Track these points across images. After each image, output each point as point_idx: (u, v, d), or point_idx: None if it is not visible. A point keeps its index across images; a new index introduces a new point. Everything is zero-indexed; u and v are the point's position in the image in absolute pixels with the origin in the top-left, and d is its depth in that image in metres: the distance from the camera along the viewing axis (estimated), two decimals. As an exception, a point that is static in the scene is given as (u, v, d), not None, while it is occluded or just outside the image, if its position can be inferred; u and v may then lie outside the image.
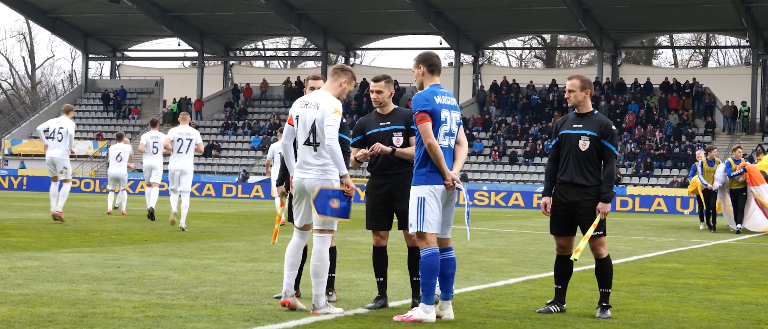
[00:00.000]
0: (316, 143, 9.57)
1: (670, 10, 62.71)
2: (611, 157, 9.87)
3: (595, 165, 9.89)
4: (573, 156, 9.91)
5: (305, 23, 68.71)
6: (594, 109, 10.09)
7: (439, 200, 9.27)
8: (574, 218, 9.93)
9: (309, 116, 9.60)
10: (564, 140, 10.01)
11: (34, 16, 72.93)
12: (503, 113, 66.64)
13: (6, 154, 69.90)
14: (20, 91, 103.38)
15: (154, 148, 24.97)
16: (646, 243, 21.54)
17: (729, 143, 59.65)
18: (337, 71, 9.91)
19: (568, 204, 9.92)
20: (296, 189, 9.72)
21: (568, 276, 10.13)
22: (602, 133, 9.87)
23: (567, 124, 10.07)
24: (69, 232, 19.75)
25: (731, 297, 11.81)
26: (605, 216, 9.79)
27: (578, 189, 9.86)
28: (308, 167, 9.61)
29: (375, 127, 10.22)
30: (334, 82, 9.85)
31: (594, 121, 9.95)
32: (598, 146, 9.87)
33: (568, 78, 10.09)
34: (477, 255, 16.87)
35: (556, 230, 10.08)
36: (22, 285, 10.91)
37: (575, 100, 10.01)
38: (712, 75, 73.07)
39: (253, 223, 25.38)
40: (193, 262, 14.18)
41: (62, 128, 22.81)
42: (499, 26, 69.91)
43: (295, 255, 9.82)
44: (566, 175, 9.94)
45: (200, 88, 73.94)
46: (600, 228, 9.82)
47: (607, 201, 9.77)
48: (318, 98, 9.68)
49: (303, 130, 9.63)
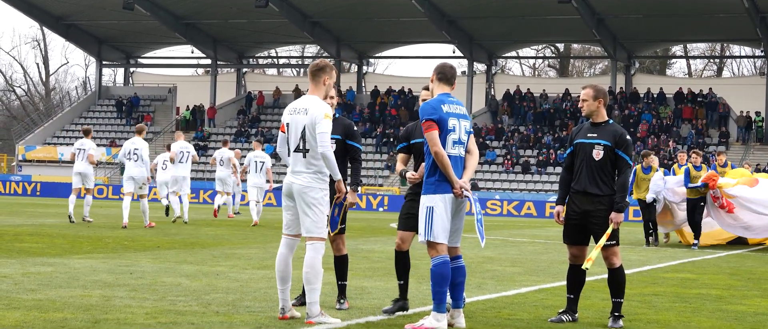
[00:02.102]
0: (306, 149, 9.48)
1: (684, 19, 62.66)
2: (625, 167, 9.86)
3: (609, 175, 9.88)
4: (587, 165, 9.91)
5: (318, 31, 68.80)
6: (609, 119, 10.08)
7: (448, 209, 9.26)
8: (587, 227, 9.92)
9: (299, 122, 9.51)
10: (578, 149, 10.01)
11: (49, 22, 73.17)
12: (516, 122, 66.60)
13: (20, 159, 70.08)
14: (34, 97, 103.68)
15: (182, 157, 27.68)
16: (659, 253, 21.50)
17: (743, 153, 59.55)
18: (316, 72, 9.68)
19: (582, 214, 9.91)
20: (285, 193, 9.62)
21: (580, 285, 10.11)
22: (616, 142, 9.87)
23: (582, 133, 10.08)
24: (82, 238, 19.80)
25: (744, 307, 11.77)
26: (618, 225, 9.78)
27: (591, 198, 9.86)
28: (298, 173, 9.51)
29: (421, 137, 10.12)
30: (317, 85, 9.67)
31: (608, 131, 9.95)
32: (612, 156, 9.87)
33: (582, 87, 10.11)
34: (489, 265, 16.86)
35: (569, 239, 10.08)
36: (36, 291, 10.94)
37: (588, 109, 10.02)
38: (727, 85, 72.96)
39: (266, 231, 25.40)
40: (205, 269, 14.20)
41: (138, 149, 24.96)
42: (512, 35, 69.91)
43: (284, 268, 9.64)
44: (580, 184, 9.94)
45: (213, 95, 74.06)
46: (613, 237, 9.81)
47: (620, 210, 9.76)
48: (306, 103, 9.57)
49: (294, 136, 9.54)
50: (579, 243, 10.04)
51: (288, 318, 9.56)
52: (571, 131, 10.34)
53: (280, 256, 9.69)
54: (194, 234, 22.82)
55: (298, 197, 9.48)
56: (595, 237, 9.87)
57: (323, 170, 9.47)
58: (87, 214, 26.39)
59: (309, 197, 9.43)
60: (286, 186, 9.60)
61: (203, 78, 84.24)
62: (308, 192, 9.44)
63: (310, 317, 9.40)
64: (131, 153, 24.98)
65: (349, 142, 10.64)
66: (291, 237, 9.72)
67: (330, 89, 9.79)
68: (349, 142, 10.63)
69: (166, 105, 76.40)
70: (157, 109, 76.01)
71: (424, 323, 9.19)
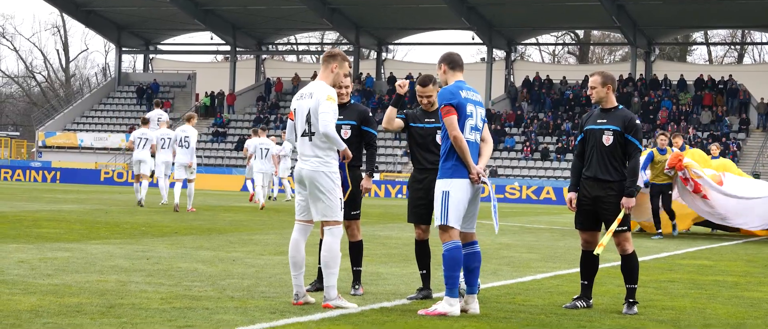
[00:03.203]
0: (312, 133, 9.51)
1: (705, 5, 62.42)
2: (635, 152, 9.85)
3: (619, 161, 9.87)
4: (597, 151, 9.91)
5: (337, 18, 68.78)
6: (619, 104, 10.07)
7: (464, 194, 9.27)
8: (598, 213, 9.92)
9: (304, 107, 9.58)
10: (588, 136, 10.01)
11: (69, 9, 73.41)
12: (535, 109, 66.48)
13: (40, 146, 70.36)
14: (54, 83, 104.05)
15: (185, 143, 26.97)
16: (677, 240, 21.43)
17: (763, 140, 59.30)
18: (327, 59, 9.78)
19: (593, 199, 9.91)
20: (296, 179, 9.66)
21: (593, 271, 10.11)
22: (625, 127, 9.85)
23: (591, 119, 10.08)
24: (100, 224, 19.87)
25: (761, 294, 11.74)
26: (629, 210, 9.77)
27: (602, 184, 9.85)
28: (306, 157, 9.55)
29: (420, 123, 10.21)
30: (326, 71, 9.74)
31: (618, 116, 9.93)
32: (621, 141, 9.85)
33: (590, 74, 10.12)
34: (505, 251, 16.85)
35: (580, 225, 10.08)
36: (52, 276, 10.99)
37: (597, 96, 10.02)
38: (747, 72, 72.56)
39: (283, 216, 25.46)
40: (222, 255, 14.24)
41: (188, 137, 26.55)
42: (531, 22, 69.73)
43: (296, 254, 9.66)
44: (590, 170, 9.94)
45: (232, 82, 74.16)
46: (624, 223, 9.80)
47: (630, 195, 9.75)
48: (312, 88, 9.65)
49: (300, 122, 9.61)
50: (591, 228, 10.04)
51: (302, 304, 9.58)
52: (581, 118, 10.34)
53: (293, 242, 9.72)
54: (212, 220, 22.89)
55: (309, 182, 9.51)
56: (607, 223, 9.86)
57: (330, 153, 9.48)
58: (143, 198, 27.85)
59: (319, 182, 9.46)
60: (297, 172, 9.63)
61: (222, 65, 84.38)
62: (317, 176, 9.47)
63: (328, 300, 9.45)
64: (182, 140, 26.52)
65: (365, 128, 10.64)
66: (304, 222, 9.75)
67: (339, 78, 9.79)
68: (364, 128, 10.63)
69: (185, 91, 76.57)
70: (176, 96, 76.19)
71: (437, 308, 9.20)
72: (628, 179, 9.81)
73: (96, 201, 26.51)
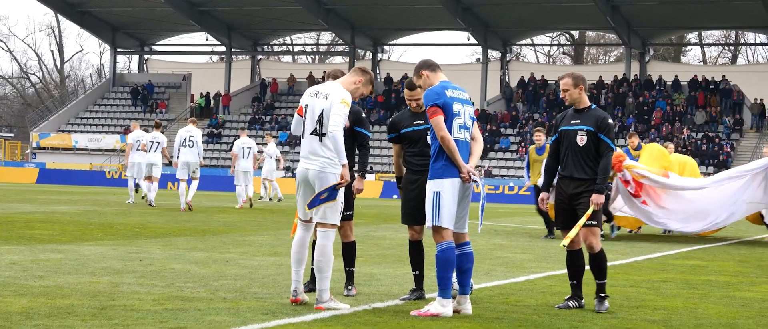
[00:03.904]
0: (322, 134, 9.50)
1: (699, 6, 62.49)
2: (607, 151, 10.01)
3: (594, 160, 10.04)
4: (572, 151, 10.07)
5: (333, 18, 68.77)
6: (591, 104, 10.17)
7: (455, 194, 9.29)
8: (575, 210, 10.02)
9: (318, 106, 9.55)
10: (563, 136, 10.18)
11: (63, 10, 73.35)
12: (530, 109, 66.51)
13: (34, 147, 70.28)
14: (49, 84, 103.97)
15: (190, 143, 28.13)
16: (670, 240, 21.45)
17: (757, 141, 59.37)
18: (358, 70, 9.85)
19: (569, 197, 10.06)
20: (300, 179, 9.64)
21: (580, 270, 10.16)
22: (598, 127, 10.02)
23: (566, 120, 10.24)
24: (93, 225, 19.86)
25: (752, 294, 11.75)
26: (599, 207, 9.90)
27: (578, 182, 10.04)
28: (314, 157, 9.54)
29: (409, 126, 10.23)
30: (351, 78, 9.80)
31: (591, 116, 10.09)
32: (595, 140, 10.00)
33: (560, 77, 10.27)
34: (499, 251, 16.86)
35: (561, 224, 10.21)
36: (44, 277, 10.98)
37: (571, 98, 10.16)
38: (741, 72, 72.68)
39: (278, 217, 25.45)
40: (215, 256, 14.23)
41: (193, 136, 27.76)
42: (527, 22, 69.77)
43: (300, 251, 9.69)
44: (566, 170, 10.12)
45: (228, 82, 74.15)
46: (594, 219, 9.90)
47: (600, 192, 9.90)
48: (328, 89, 9.63)
49: (311, 119, 9.57)
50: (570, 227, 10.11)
51: (299, 302, 9.58)
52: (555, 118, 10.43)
53: (297, 239, 9.73)
54: (206, 221, 22.87)
55: (315, 182, 9.50)
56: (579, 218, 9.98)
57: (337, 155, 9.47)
58: (152, 199, 28.95)
59: (326, 183, 9.46)
60: (301, 172, 9.60)
61: (218, 65, 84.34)
62: (324, 177, 9.46)
63: (320, 303, 9.45)
64: (187, 140, 27.70)
65: (357, 129, 10.63)
66: (307, 223, 9.75)
67: (358, 92, 9.84)
68: (357, 129, 10.62)
69: (180, 92, 76.52)
70: (171, 97, 76.14)
71: (429, 309, 9.20)
72: (599, 176, 9.94)
73: (89, 202, 26.46)
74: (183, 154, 27.71)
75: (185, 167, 27.67)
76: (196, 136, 27.79)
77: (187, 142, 27.70)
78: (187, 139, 27.72)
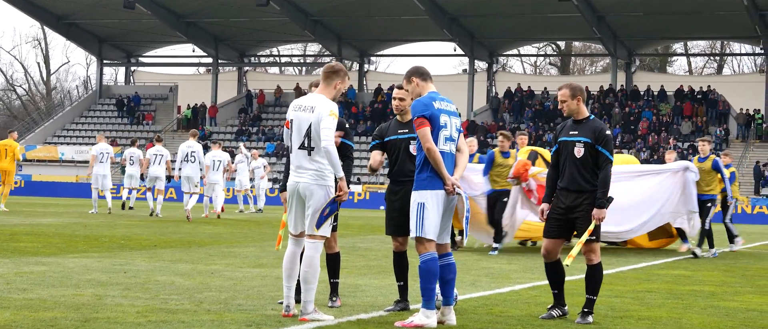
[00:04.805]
0: (311, 147, 9.46)
1: (685, 17, 62.66)
2: (606, 163, 9.92)
3: (591, 171, 9.96)
4: (570, 162, 10.01)
5: (319, 30, 68.79)
6: (590, 115, 10.14)
7: (439, 205, 9.30)
8: (570, 222, 9.99)
9: (304, 120, 9.51)
10: (562, 147, 10.12)
11: (50, 22, 73.19)
12: (517, 120, 66.59)
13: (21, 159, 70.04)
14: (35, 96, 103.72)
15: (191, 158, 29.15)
16: (655, 250, 21.48)
17: (742, 151, 59.54)
18: (330, 74, 9.72)
19: (566, 209, 10.00)
20: (290, 193, 9.59)
21: (560, 279, 10.17)
22: (596, 138, 9.94)
23: (565, 131, 10.19)
24: (78, 238, 19.81)
25: (736, 303, 11.78)
26: (600, 221, 9.85)
27: (575, 194, 9.96)
28: (303, 171, 9.51)
29: (393, 134, 10.26)
30: (329, 86, 9.71)
31: (589, 128, 10.02)
32: (593, 152, 9.93)
33: (558, 88, 10.23)
34: (485, 262, 16.87)
35: (548, 233, 10.15)
36: (27, 290, 10.95)
37: (569, 109, 10.12)
38: (727, 82, 72.84)
39: (264, 229, 25.42)
40: (200, 268, 14.21)
41: (194, 151, 28.85)
42: (513, 33, 69.89)
43: (291, 266, 9.64)
44: (564, 181, 10.05)
45: (214, 94, 74.08)
46: (594, 233, 9.87)
47: (601, 206, 9.81)
48: (313, 101, 9.57)
49: (298, 134, 9.53)
50: (557, 237, 10.10)
51: (291, 316, 9.56)
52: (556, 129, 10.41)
53: (289, 253, 9.67)
54: (192, 232, 22.83)
55: (305, 195, 9.48)
56: (579, 232, 9.92)
57: (328, 168, 9.45)
58: (159, 211, 30.26)
59: (316, 195, 9.43)
60: (291, 186, 9.57)
61: (204, 77, 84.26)
62: (315, 190, 9.44)
63: (304, 314, 9.43)
64: (189, 155, 28.75)
65: (342, 140, 10.63)
66: (298, 237, 9.70)
67: (339, 95, 9.79)
68: (343, 140, 10.63)
69: (167, 104, 76.41)
70: (158, 108, 76.02)
71: (413, 320, 9.21)
72: (599, 190, 9.87)
73: (75, 214, 26.40)
74: (185, 168, 28.82)
75: (187, 181, 28.83)
76: (198, 151, 28.82)
77: (189, 157, 28.80)
78: (189, 154, 28.80)
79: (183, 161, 28.87)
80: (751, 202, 51.19)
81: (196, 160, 28.82)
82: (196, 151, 28.78)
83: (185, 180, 28.88)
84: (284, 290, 9.63)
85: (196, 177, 28.92)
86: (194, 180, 28.89)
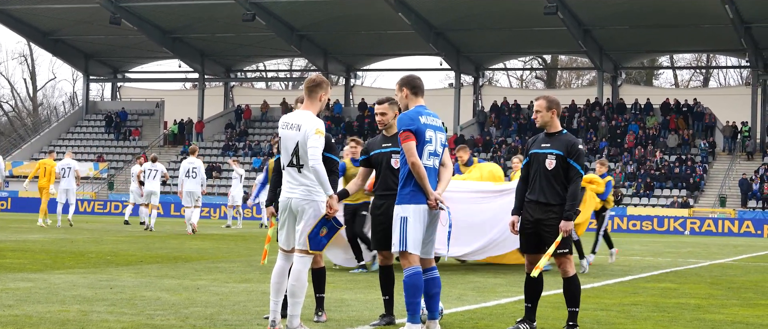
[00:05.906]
0: (300, 165, 9.44)
1: (670, 30, 62.78)
2: (576, 176, 9.93)
3: (562, 185, 9.96)
4: (540, 175, 10.01)
5: (306, 45, 68.80)
6: (563, 129, 10.16)
7: (422, 220, 9.30)
8: (540, 235, 9.98)
9: (291, 138, 9.48)
10: (533, 159, 10.12)
11: (36, 38, 73.06)
12: (503, 133, 66.67)
13: (7, 175, 69.87)
14: (21, 112, 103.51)
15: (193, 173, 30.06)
16: (642, 263, 21.52)
17: (729, 163, 59.67)
18: (313, 88, 9.62)
19: (535, 222, 9.99)
20: (282, 208, 9.57)
21: (537, 294, 10.15)
22: (568, 152, 9.95)
23: (536, 143, 10.21)
24: (64, 253, 19.75)
25: (722, 316, 11.80)
26: (567, 234, 9.84)
27: (544, 207, 9.94)
28: (294, 186, 9.49)
29: (377, 148, 10.29)
30: (314, 100, 9.63)
31: (561, 141, 10.04)
32: (564, 165, 9.94)
33: (535, 99, 10.25)
34: (472, 275, 16.87)
35: (524, 248, 10.15)
36: (13, 307, 10.92)
37: (542, 120, 10.14)
38: (713, 95, 73.08)
39: (250, 244, 25.39)
40: (186, 283, 14.19)
41: (195, 168, 29.90)
42: (499, 47, 69.97)
43: (279, 281, 9.58)
44: (533, 194, 10.04)
45: (201, 109, 73.99)
46: (565, 246, 9.86)
47: (569, 219, 9.82)
48: (299, 119, 9.51)
49: (285, 152, 9.50)
50: (534, 251, 10.09)
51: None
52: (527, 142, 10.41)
53: (278, 268, 9.61)
54: (178, 248, 22.80)
55: (297, 211, 9.45)
56: (547, 245, 9.92)
57: (318, 184, 9.42)
58: (152, 225, 31.84)
59: (307, 212, 9.39)
60: (284, 201, 9.55)
61: (191, 92, 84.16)
62: (306, 206, 9.39)
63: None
64: (190, 171, 29.81)
65: (327, 154, 10.61)
66: (288, 253, 9.65)
67: (323, 106, 9.76)
68: (326, 154, 10.61)
69: (153, 119, 76.30)
70: (144, 124, 75.91)
71: (399, 334, 9.21)
72: (567, 202, 9.88)
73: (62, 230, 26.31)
74: (186, 183, 29.78)
75: (189, 196, 29.74)
76: (199, 167, 29.92)
77: (191, 173, 29.84)
78: (190, 170, 29.84)
79: (185, 177, 29.80)
80: (739, 215, 51.31)
81: (198, 175, 29.78)
82: (197, 167, 29.81)
83: (187, 195, 29.71)
84: (271, 304, 9.59)
85: (198, 192, 29.78)
86: (196, 194, 29.73)
